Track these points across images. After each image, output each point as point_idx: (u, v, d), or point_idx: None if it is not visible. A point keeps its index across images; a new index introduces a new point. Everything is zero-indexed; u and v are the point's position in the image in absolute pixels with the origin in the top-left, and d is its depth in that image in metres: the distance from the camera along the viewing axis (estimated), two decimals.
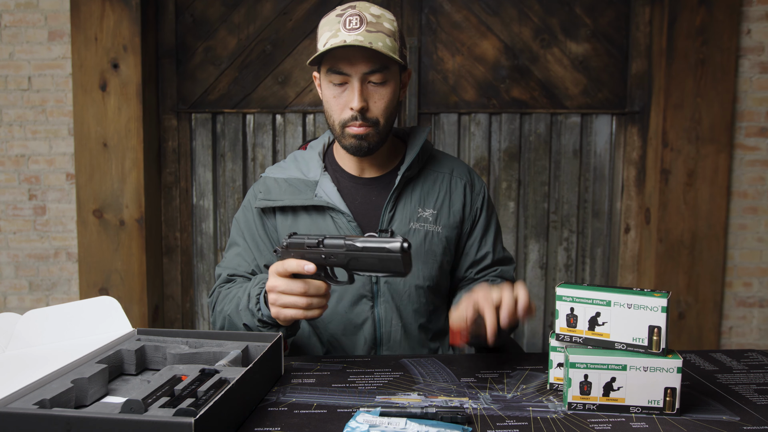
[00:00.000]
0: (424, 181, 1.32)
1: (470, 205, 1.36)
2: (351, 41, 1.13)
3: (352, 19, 1.15)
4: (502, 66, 2.68)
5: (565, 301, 0.96)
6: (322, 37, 1.19)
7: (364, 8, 1.19)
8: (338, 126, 1.22)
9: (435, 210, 1.31)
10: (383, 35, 1.17)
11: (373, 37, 1.15)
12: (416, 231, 1.28)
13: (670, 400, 0.90)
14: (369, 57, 1.16)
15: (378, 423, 0.82)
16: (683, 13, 2.53)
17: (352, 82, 1.18)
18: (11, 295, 2.68)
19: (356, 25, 1.15)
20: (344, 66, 1.17)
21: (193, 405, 0.78)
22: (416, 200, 1.30)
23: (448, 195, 1.33)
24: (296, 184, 1.29)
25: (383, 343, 1.28)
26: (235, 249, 1.32)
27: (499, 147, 2.73)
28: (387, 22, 1.19)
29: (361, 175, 1.31)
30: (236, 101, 2.71)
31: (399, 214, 1.28)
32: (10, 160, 2.63)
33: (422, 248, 1.28)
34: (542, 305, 2.80)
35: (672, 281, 2.60)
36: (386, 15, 1.20)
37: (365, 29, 1.15)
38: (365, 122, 1.19)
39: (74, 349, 0.99)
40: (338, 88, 1.20)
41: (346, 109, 1.20)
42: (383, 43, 1.16)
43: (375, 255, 0.97)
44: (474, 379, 1.05)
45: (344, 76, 1.18)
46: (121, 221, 2.57)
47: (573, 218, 2.76)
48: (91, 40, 2.51)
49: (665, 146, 2.58)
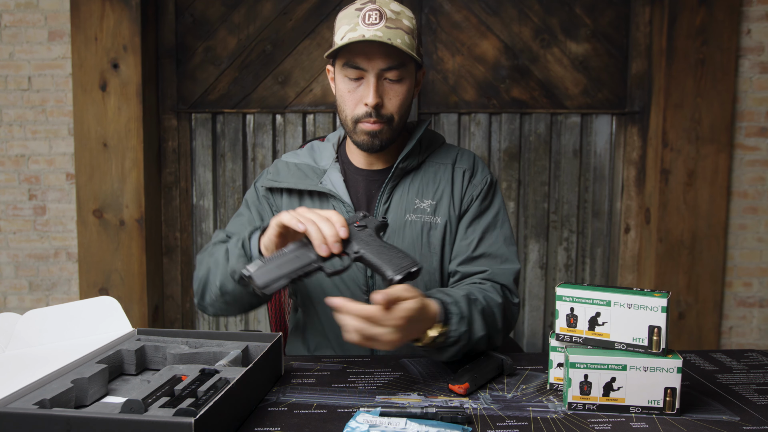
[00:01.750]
0: (424, 172, 1.30)
1: (468, 193, 1.30)
2: (370, 36, 1.12)
3: (372, 14, 1.15)
4: (502, 66, 2.68)
5: (565, 301, 0.96)
6: (339, 30, 1.18)
7: (384, 3, 1.17)
8: (351, 121, 1.21)
9: (434, 201, 1.28)
10: (402, 32, 1.16)
11: (392, 33, 1.14)
12: (412, 223, 1.27)
13: (670, 400, 0.90)
14: (387, 53, 1.15)
15: (378, 423, 0.82)
16: (683, 13, 2.53)
17: (368, 77, 1.17)
18: (11, 295, 2.68)
19: (376, 20, 1.14)
20: (361, 61, 1.16)
21: (193, 405, 0.78)
22: (414, 191, 1.28)
23: (450, 184, 1.30)
24: (305, 170, 1.31)
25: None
26: (240, 218, 1.31)
27: (499, 147, 2.73)
28: (406, 19, 1.18)
29: (369, 168, 1.31)
30: (236, 101, 2.71)
31: (395, 205, 1.27)
32: (10, 160, 2.63)
33: (419, 241, 1.27)
34: (542, 305, 2.80)
35: (672, 281, 2.60)
36: (406, 12, 1.19)
37: (384, 25, 1.14)
38: (379, 118, 1.19)
39: (74, 349, 0.99)
40: (353, 82, 1.19)
41: (360, 104, 1.19)
42: (402, 40, 1.15)
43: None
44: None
45: (360, 71, 1.17)
46: (121, 221, 2.57)
47: (573, 218, 2.76)
48: (91, 40, 2.51)
49: (665, 146, 2.58)
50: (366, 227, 1.03)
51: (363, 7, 1.16)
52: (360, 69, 1.17)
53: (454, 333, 1.04)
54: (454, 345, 1.05)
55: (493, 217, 1.30)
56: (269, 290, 0.94)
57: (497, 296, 1.19)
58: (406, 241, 1.26)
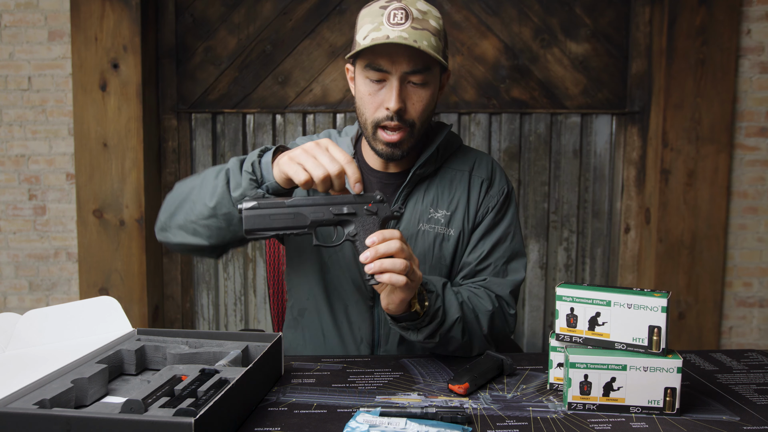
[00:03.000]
0: (440, 179, 1.26)
1: (483, 205, 1.27)
2: (395, 37, 1.07)
3: (397, 13, 1.09)
4: (502, 66, 2.68)
5: (565, 301, 0.96)
6: (362, 29, 1.12)
7: (411, 2, 1.11)
8: (370, 125, 1.16)
9: (448, 212, 1.24)
10: (429, 33, 1.10)
11: (418, 34, 1.08)
12: (425, 233, 1.23)
13: (670, 400, 0.90)
14: (412, 56, 1.10)
15: (378, 423, 0.82)
16: (683, 13, 2.53)
17: (391, 80, 1.11)
18: (11, 295, 2.68)
19: (401, 20, 1.08)
20: (384, 63, 1.10)
21: (193, 405, 0.78)
22: (429, 200, 1.24)
23: (466, 194, 1.26)
24: None
25: (381, 344, 1.26)
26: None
27: (499, 147, 2.73)
28: (433, 19, 1.12)
29: (385, 170, 1.26)
30: (236, 101, 2.71)
31: (408, 212, 1.23)
32: (10, 160, 2.63)
33: (431, 252, 1.23)
34: (542, 305, 2.80)
35: (672, 281, 2.60)
36: (432, 12, 1.13)
37: (410, 25, 1.08)
38: (401, 123, 1.13)
39: (74, 349, 0.99)
40: (375, 84, 1.13)
41: (381, 108, 1.13)
42: (428, 42, 1.09)
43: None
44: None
45: (383, 73, 1.11)
46: (121, 221, 2.57)
47: (573, 218, 2.76)
48: (91, 40, 2.51)
49: (665, 146, 2.58)
50: (375, 215, 1.01)
51: (388, 5, 1.10)
52: (383, 71, 1.11)
53: (432, 308, 1.09)
54: (431, 323, 1.09)
55: (504, 229, 1.28)
56: (252, 237, 0.95)
57: (488, 303, 1.20)
58: (417, 251, 1.23)
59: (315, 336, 1.30)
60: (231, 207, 1.05)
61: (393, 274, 0.97)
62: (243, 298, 2.79)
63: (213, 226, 1.09)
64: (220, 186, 1.06)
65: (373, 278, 0.98)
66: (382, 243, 0.97)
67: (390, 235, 0.98)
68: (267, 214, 0.95)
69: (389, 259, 0.97)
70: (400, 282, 0.98)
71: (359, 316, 1.26)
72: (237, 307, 2.79)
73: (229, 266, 2.78)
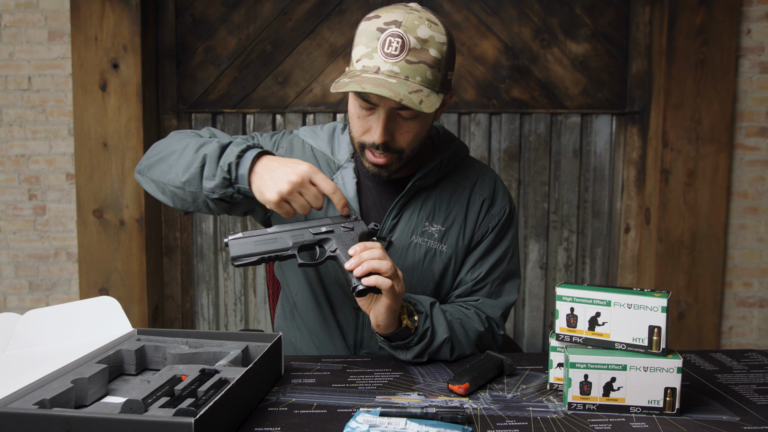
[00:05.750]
0: (440, 192, 1.22)
1: (483, 224, 1.24)
2: (385, 71, 1.02)
3: (393, 42, 1.02)
4: (502, 66, 2.68)
5: (565, 301, 0.96)
6: (357, 48, 1.07)
7: (411, 29, 1.03)
8: (357, 145, 1.15)
9: (443, 227, 1.21)
10: (425, 67, 1.04)
11: (411, 70, 1.03)
12: (417, 246, 1.20)
13: (670, 400, 0.90)
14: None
15: (378, 423, 0.82)
16: (683, 13, 2.53)
17: (379, 111, 1.07)
18: (11, 295, 2.68)
19: (395, 51, 1.02)
20: (372, 96, 1.05)
21: (193, 405, 0.78)
22: (425, 213, 1.21)
23: (464, 211, 1.23)
24: (321, 159, 1.24)
25: (363, 345, 1.25)
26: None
27: (499, 147, 2.73)
28: (434, 47, 1.05)
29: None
30: (236, 101, 2.71)
31: (403, 223, 1.20)
32: (10, 160, 2.63)
33: (420, 266, 1.20)
34: (542, 305, 2.80)
35: (672, 281, 2.60)
36: (435, 38, 1.05)
37: (405, 58, 1.02)
38: (387, 152, 1.11)
39: (74, 349, 0.99)
40: (364, 110, 1.09)
41: (368, 133, 1.11)
42: (422, 77, 1.04)
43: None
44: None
45: (371, 104, 1.07)
46: (121, 221, 2.57)
47: (573, 218, 2.76)
48: (91, 40, 2.51)
49: (665, 146, 2.58)
50: (352, 230, 1.07)
51: (386, 29, 1.03)
52: (371, 103, 1.07)
53: (420, 329, 1.10)
54: (420, 343, 1.10)
55: (503, 251, 1.26)
56: (239, 263, 1.02)
57: (478, 324, 1.20)
58: (407, 263, 1.20)
59: (303, 329, 1.30)
60: (198, 188, 1.07)
61: (379, 276, 0.99)
62: (243, 298, 2.79)
63: (179, 196, 1.11)
64: (194, 167, 1.07)
65: (360, 283, 1.00)
66: (365, 251, 1.01)
67: (371, 245, 1.03)
68: (252, 241, 1.04)
69: (375, 260, 1.00)
70: (386, 285, 0.99)
71: (344, 317, 1.25)
72: (237, 307, 2.79)
73: (229, 266, 2.78)
